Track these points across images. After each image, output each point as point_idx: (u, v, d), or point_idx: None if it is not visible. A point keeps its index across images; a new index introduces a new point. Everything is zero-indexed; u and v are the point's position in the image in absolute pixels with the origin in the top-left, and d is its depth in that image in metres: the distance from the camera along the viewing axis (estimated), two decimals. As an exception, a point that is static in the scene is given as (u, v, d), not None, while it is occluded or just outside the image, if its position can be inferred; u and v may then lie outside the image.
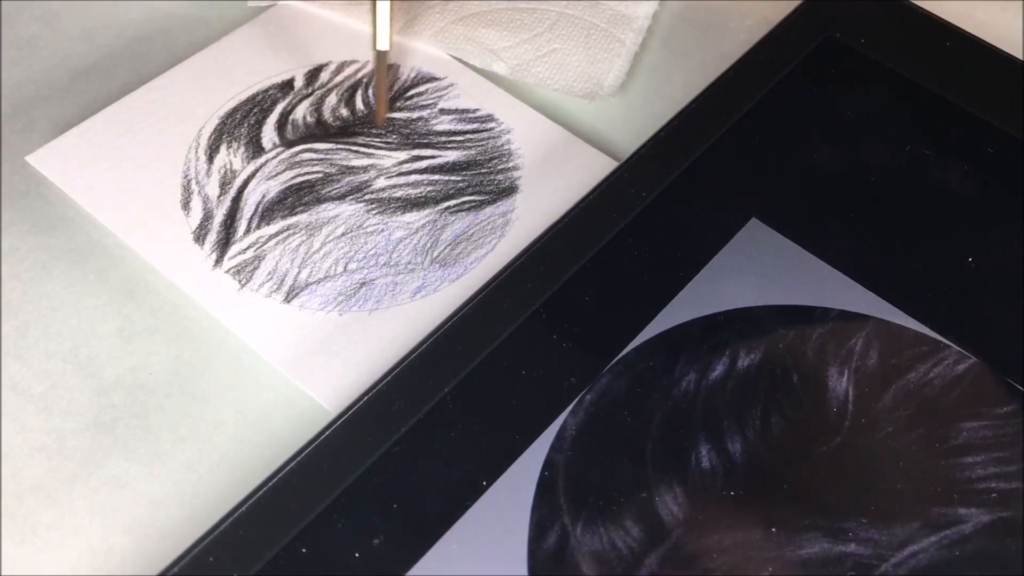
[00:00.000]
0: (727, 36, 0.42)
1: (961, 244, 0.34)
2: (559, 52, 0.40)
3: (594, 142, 0.38)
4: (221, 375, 0.32)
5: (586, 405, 0.29)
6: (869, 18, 0.40)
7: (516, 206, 0.36)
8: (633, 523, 0.27)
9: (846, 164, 0.36)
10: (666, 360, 0.30)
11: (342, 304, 0.33)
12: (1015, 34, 0.42)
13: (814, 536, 0.27)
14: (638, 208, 0.34)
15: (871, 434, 0.29)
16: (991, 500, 0.28)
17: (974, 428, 0.29)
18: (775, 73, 0.38)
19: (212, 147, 0.37)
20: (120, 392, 0.31)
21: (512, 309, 0.31)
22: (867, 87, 0.38)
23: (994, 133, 0.36)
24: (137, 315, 0.33)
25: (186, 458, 0.30)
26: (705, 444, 0.29)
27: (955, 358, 0.31)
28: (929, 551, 0.27)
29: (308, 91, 0.39)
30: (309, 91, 0.39)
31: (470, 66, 0.40)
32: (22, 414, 0.31)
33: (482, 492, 0.28)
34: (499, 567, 0.27)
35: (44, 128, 0.38)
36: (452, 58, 0.40)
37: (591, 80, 0.39)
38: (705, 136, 0.36)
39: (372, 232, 0.35)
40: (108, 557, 0.28)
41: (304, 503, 0.27)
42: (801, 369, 0.30)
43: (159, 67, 0.39)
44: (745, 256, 0.33)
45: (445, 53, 0.40)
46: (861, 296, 0.32)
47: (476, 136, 0.38)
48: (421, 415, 0.29)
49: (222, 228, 0.35)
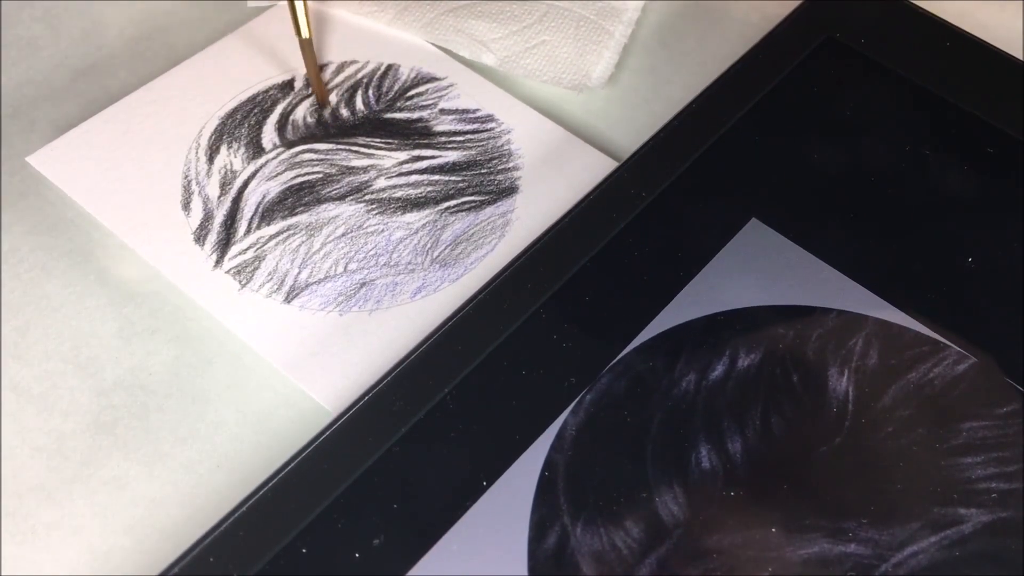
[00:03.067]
0: (727, 36, 0.42)
1: (961, 244, 0.34)
2: (548, 44, 0.40)
3: (594, 142, 0.38)
4: (221, 375, 0.32)
5: (586, 405, 0.29)
6: (869, 18, 0.40)
7: (516, 206, 0.36)
8: (633, 523, 0.27)
9: (846, 164, 0.36)
10: (666, 360, 0.30)
11: (342, 304, 0.33)
12: (1015, 34, 0.42)
13: (814, 536, 0.27)
14: (638, 208, 0.34)
15: (871, 434, 0.29)
16: (991, 500, 0.28)
17: (974, 428, 0.29)
18: (775, 73, 0.38)
19: (212, 147, 0.37)
20: (120, 392, 0.31)
21: (512, 309, 0.31)
22: (867, 87, 0.38)
23: (994, 133, 0.36)
24: (137, 315, 0.33)
25: (186, 458, 0.30)
26: (705, 444, 0.29)
27: (955, 358, 0.31)
28: (929, 551, 0.27)
29: (308, 91, 0.39)
30: (309, 91, 0.39)
31: (461, 59, 0.40)
32: (22, 414, 0.31)
33: (482, 492, 0.28)
34: (499, 567, 0.27)
35: (44, 129, 0.38)
36: (445, 53, 0.40)
37: (579, 72, 0.39)
38: (705, 136, 0.36)
39: (372, 232, 0.35)
40: (108, 557, 0.28)
41: (304, 503, 0.27)
42: (801, 369, 0.30)
43: (159, 67, 0.39)
44: (745, 256, 0.33)
45: (434, 44, 0.40)
46: (861, 296, 0.32)
47: (476, 136, 0.38)
48: (421, 415, 0.29)
49: (222, 228, 0.35)
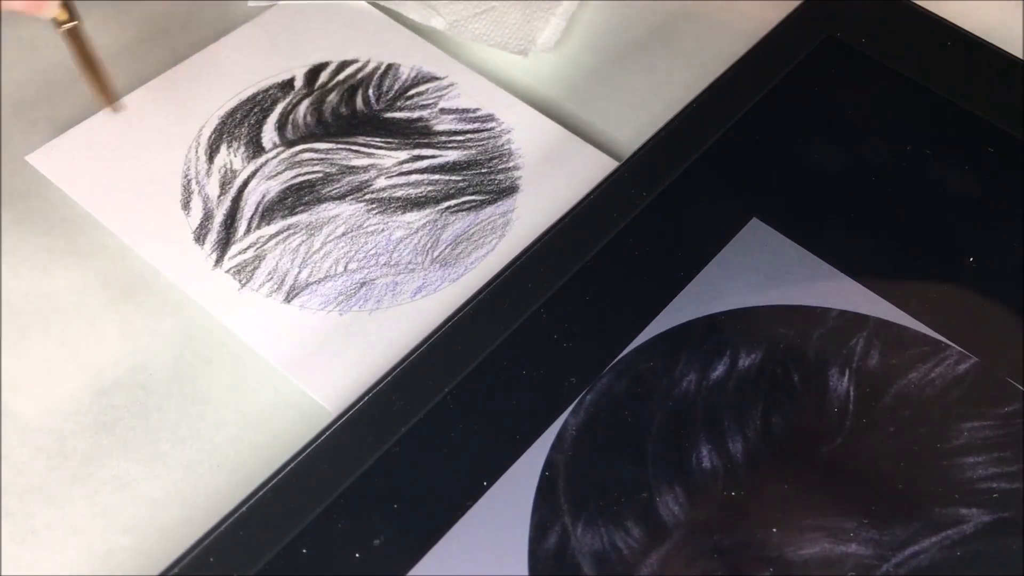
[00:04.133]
0: (727, 36, 0.42)
1: (961, 244, 0.34)
2: (497, 9, 0.40)
3: (594, 142, 0.38)
4: (221, 375, 0.32)
5: (587, 405, 0.29)
6: (869, 18, 0.40)
7: (516, 206, 0.36)
8: (634, 523, 0.27)
9: (846, 164, 0.36)
10: (667, 360, 0.30)
11: (342, 304, 0.33)
12: (1015, 34, 0.42)
13: (815, 536, 0.27)
14: (638, 208, 0.34)
15: (872, 434, 0.29)
16: (992, 500, 0.28)
17: (975, 428, 0.29)
18: (775, 73, 0.38)
19: (212, 147, 0.37)
20: (120, 392, 0.31)
21: (512, 309, 0.31)
22: (867, 87, 0.38)
23: (994, 133, 0.36)
24: (137, 315, 0.33)
25: (186, 458, 0.30)
26: (706, 444, 0.29)
27: (955, 358, 0.31)
28: (930, 551, 0.27)
29: (308, 91, 0.39)
30: (309, 91, 0.39)
31: (457, 56, 0.40)
32: (22, 414, 0.31)
33: (482, 492, 0.28)
34: (499, 567, 0.27)
35: (44, 128, 0.38)
36: (441, 51, 0.40)
37: (525, 37, 0.39)
38: (705, 136, 0.36)
39: (372, 232, 0.35)
40: (108, 557, 0.28)
41: (304, 503, 0.27)
42: (802, 369, 0.30)
43: (159, 67, 0.39)
44: (746, 256, 0.33)
45: (381, 7, 0.40)
46: (861, 296, 0.32)
47: (476, 136, 0.38)
48: (421, 415, 0.29)
49: (222, 228, 0.35)
